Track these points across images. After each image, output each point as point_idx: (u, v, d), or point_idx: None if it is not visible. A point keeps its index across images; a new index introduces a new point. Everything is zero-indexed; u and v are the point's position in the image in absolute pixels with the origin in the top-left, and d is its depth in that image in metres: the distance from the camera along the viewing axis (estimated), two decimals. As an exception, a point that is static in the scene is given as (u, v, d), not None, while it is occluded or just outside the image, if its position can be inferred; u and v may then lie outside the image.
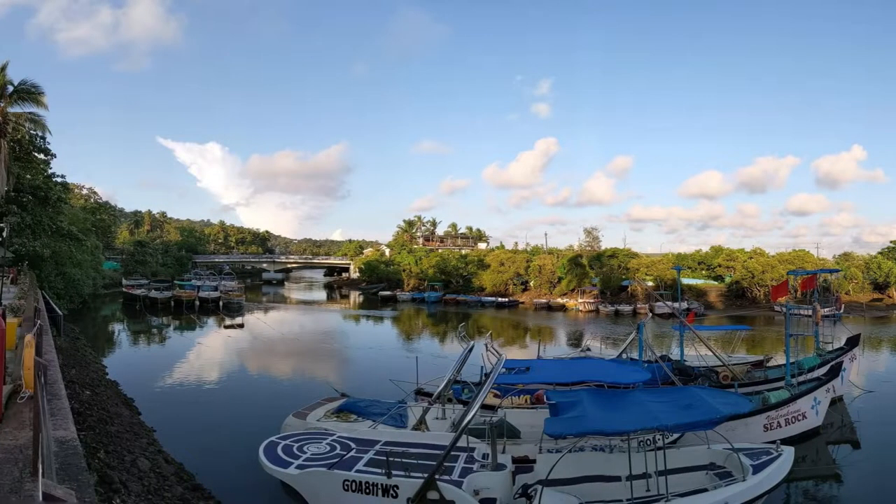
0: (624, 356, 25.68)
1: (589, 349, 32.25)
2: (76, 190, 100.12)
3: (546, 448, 13.52)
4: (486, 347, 19.97)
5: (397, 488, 11.15)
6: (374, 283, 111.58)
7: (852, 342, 26.08)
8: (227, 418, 21.59)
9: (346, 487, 11.55)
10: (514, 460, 12.76)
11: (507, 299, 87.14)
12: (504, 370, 16.64)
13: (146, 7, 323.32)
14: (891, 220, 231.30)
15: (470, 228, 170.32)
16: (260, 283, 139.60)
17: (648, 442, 13.13)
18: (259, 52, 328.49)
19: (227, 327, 53.69)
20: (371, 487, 11.35)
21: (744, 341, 37.70)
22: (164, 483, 12.40)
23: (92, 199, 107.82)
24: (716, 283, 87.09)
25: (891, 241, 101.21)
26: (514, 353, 37.98)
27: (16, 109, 38.93)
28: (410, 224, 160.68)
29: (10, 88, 37.89)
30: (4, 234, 29.40)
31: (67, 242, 47.38)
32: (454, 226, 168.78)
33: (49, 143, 44.99)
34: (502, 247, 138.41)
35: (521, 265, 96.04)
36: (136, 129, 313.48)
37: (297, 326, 57.18)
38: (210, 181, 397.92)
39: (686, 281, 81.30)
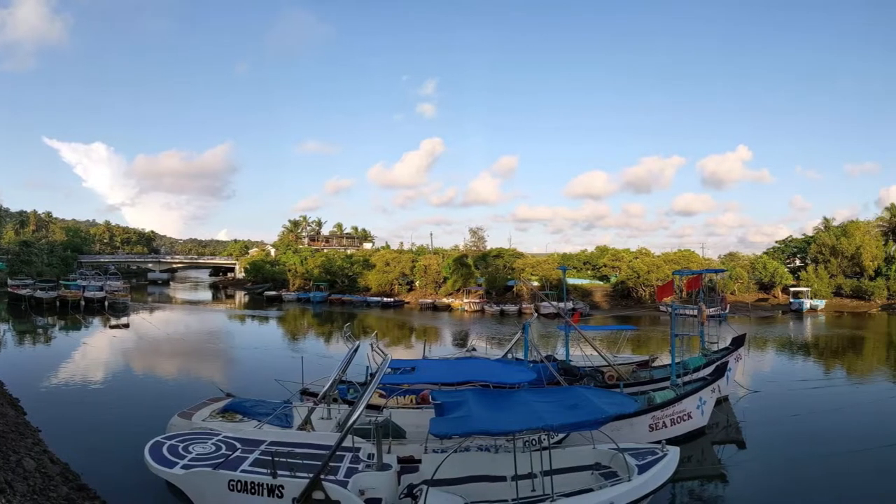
0: (509, 356, 27.69)
1: (474, 349, 34.70)
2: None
3: (431, 448, 14.53)
4: (372, 347, 21.15)
5: (283, 488, 11.84)
6: (260, 283, 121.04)
7: (738, 342, 28.87)
8: (112, 418, 23.05)
9: (231, 487, 12.20)
10: (400, 460, 13.61)
11: (392, 299, 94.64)
12: (389, 370, 18.31)
13: (32, 7, 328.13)
14: (776, 220, 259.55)
15: (355, 228, 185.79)
16: (145, 283, 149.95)
17: (534, 442, 14.12)
18: (144, 52, 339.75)
19: (112, 327, 57.34)
20: (256, 487, 12.03)
21: (629, 341, 41.67)
22: (50, 483, 13.33)
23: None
24: (601, 283, 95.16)
25: (776, 242, 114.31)
26: (400, 353, 40.98)
27: None
28: (296, 224, 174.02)
29: None
30: None
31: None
32: (340, 226, 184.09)
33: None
34: (388, 247, 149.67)
35: (406, 265, 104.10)
36: (21, 129, 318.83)
37: (182, 326, 61.11)
38: (95, 181, 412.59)
39: (571, 281, 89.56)
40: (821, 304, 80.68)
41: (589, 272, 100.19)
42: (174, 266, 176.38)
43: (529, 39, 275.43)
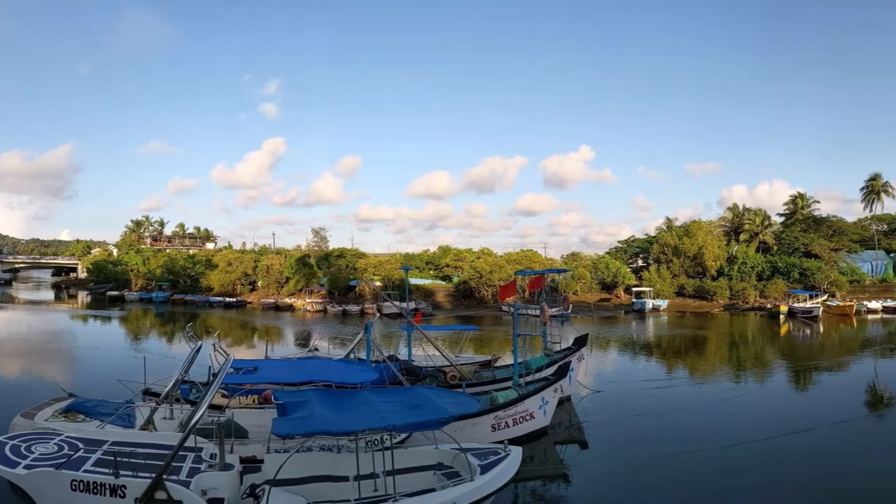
0: (352, 356, 30.79)
1: (317, 349, 37.65)
2: None
3: (274, 448, 15.81)
4: (214, 347, 24.04)
5: (125, 488, 12.80)
6: (102, 283, 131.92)
7: (580, 342, 32.14)
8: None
9: (73, 487, 13.07)
10: (242, 460, 14.81)
11: (235, 299, 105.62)
12: (232, 370, 19.78)
13: None
14: (619, 220, 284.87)
15: (198, 229, 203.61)
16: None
17: (376, 442, 15.42)
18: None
19: (-51, 329, 60.37)
20: (99, 487, 12.95)
21: (472, 341, 45.88)
22: None
23: None
24: (444, 283, 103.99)
25: (619, 241, 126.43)
26: (243, 353, 45.68)
27: None
28: (138, 224, 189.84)
29: None
30: None
31: None
32: (182, 226, 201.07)
33: None
34: (230, 247, 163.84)
35: (248, 265, 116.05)
36: None
37: (24, 326, 65.80)
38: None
39: (414, 281, 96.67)
40: (663, 304, 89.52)
41: (431, 272, 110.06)
42: (16, 266, 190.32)
43: (373, 40, 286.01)
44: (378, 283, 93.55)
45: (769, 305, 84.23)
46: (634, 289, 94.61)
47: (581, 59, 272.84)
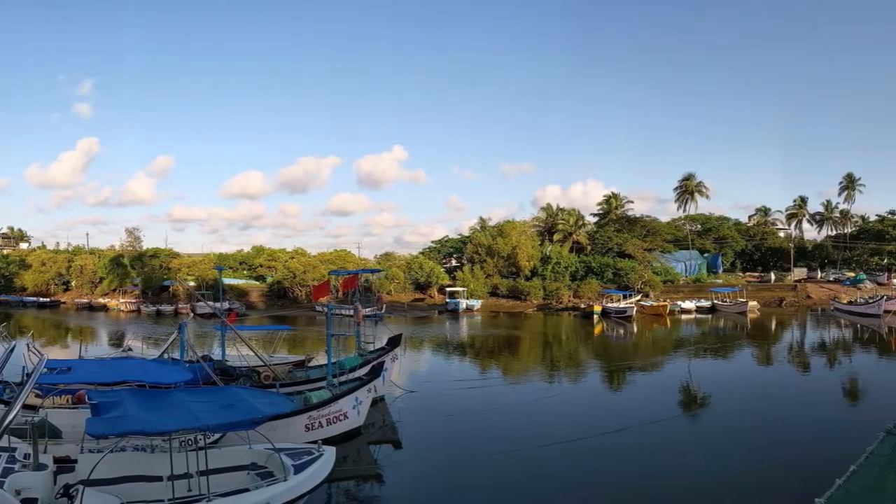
0: (166, 356, 31.95)
1: (131, 349, 39.44)
2: None
3: (88, 448, 16.31)
4: (28, 347, 24.79)
5: None
6: None
7: (394, 342, 33.84)
8: None
9: None
10: (56, 460, 15.20)
11: (48, 299, 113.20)
12: (45, 370, 20.68)
13: None
14: (432, 221, 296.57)
15: (11, 228, 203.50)
16: None
17: (190, 442, 16.19)
18: None
19: None
20: None
21: (286, 341, 46.89)
22: None
23: None
24: (258, 283, 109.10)
25: (432, 241, 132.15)
26: (56, 353, 46.71)
27: None
28: None
29: None
30: None
31: None
32: None
33: None
34: (44, 247, 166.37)
35: (62, 265, 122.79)
36: None
37: None
38: None
39: (228, 281, 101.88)
40: (477, 304, 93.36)
41: (245, 272, 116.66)
42: None
43: (186, 41, 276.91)
44: (192, 284, 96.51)
45: (583, 305, 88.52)
46: (448, 289, 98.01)
47: (394, 59, 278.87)
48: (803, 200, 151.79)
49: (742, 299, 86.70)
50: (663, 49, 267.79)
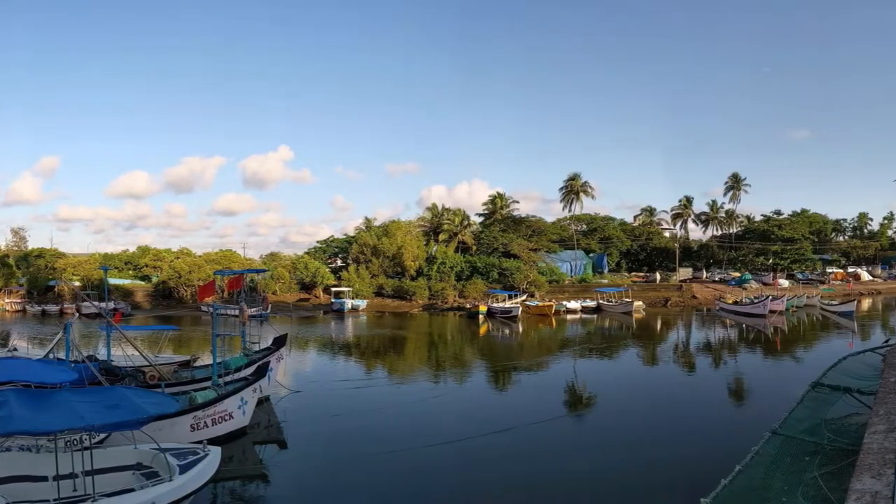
0: (51, 356, 31.72)
1: (16, 349, 39.46)
2: None
3: None
4: None
5: None
6: None
7: (279, 342, 34.14)
8: None
9: None
10: None
11: None
12: None
13: None
14: (318, 221, 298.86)
15: None
16: None
17: (75, 442, 16.03)
18: None
19: None
20: None
21: (171, 341, 46.49)
22: None
23: None
24: (143, 283, 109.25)
25: (318, 241, 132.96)
26: None
27: None
28: None
29: None
30: None
31: None
32: None
33: None
34: None
35: None
36: None
37: None
38: None
39: (113, 281, 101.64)
40: (362, 304, 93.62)
41: (131, 272, 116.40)
42: None
43: (72, 40, 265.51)
44: (77, 283, 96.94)
45: (468, 305, 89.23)
46: (334, 289, 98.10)
47: (279, 59, 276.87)
48: (689, 200, 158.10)
49: (627, 299, 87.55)
50: (549, 49, 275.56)
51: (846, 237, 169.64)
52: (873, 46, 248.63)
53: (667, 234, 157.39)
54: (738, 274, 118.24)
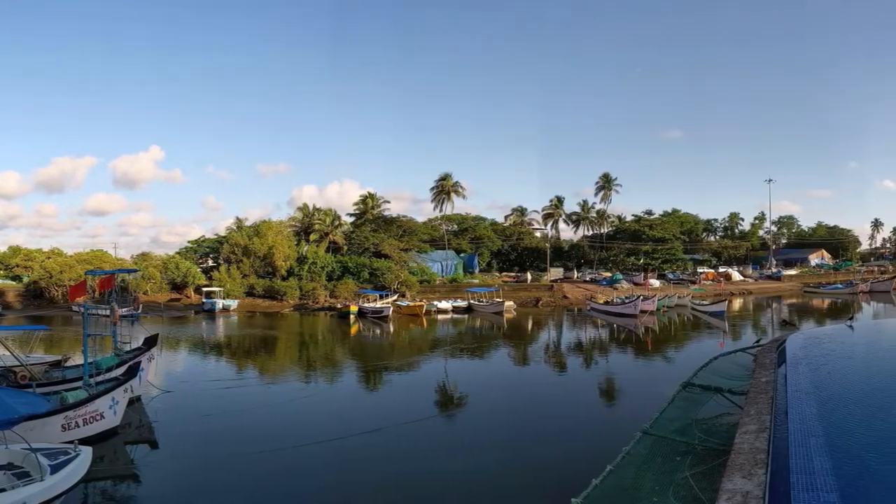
0: None
1: None
2: None
3: None
4: None
5: None
6: None
7: (150, 342, 33.70)
8: None
9: None
10: None
11: None
12: None
13: None
14: (189, 221, 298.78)
15: None
16: None
17: None
18: None
19: None
20: None
21: (42, 341, 45.80)
22: None
23: None
24: (14, 283, 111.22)
25: (189, 242, 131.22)
26: None
27: None
28: None
29: None
30: None
31: None
32: None
33: None
34: None
35: None
36: None
37: None
38: None
39: None
40: (233, 303, 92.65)
41: (1, 272, 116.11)
42: None
43: None
44: None
45: (339, 305, 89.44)
46: (205, 289, 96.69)
47: (149, 58, 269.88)
48: (560, 200, 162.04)
49: (498, 299, 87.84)
50: (423, 51, 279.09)
51: (717, 237, 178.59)
52: (743, 48, 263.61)
53: (538, 234, 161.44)
54: (609, 274, 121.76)
